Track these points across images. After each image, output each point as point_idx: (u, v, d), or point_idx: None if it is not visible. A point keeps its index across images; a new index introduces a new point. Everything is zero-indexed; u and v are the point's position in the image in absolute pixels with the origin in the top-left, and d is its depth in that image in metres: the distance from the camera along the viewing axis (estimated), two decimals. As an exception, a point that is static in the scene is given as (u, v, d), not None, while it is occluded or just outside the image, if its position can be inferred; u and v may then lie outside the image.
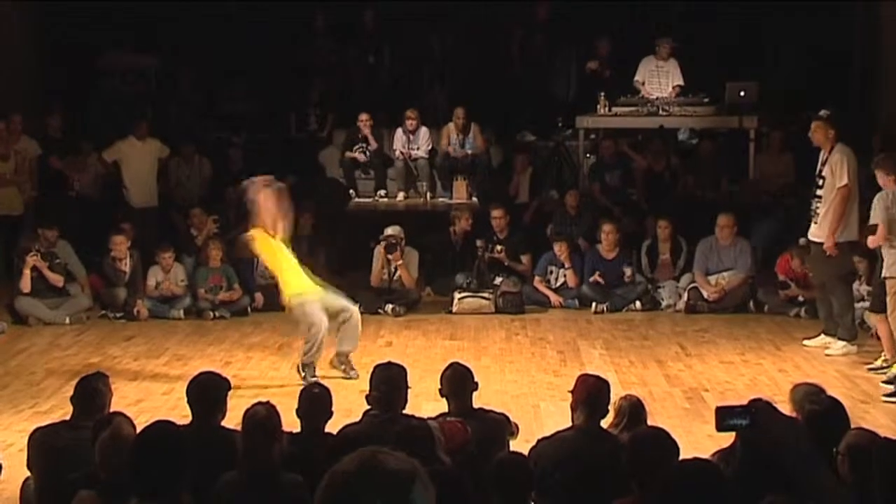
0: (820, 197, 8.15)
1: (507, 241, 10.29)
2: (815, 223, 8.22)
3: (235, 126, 12.75)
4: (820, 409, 4.25)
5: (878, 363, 7.76)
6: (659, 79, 11.97)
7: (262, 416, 4.06)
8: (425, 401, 6.35)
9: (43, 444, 4.59)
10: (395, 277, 9.90)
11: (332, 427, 4.73)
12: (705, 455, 4.33)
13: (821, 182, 8.17)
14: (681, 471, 2.96)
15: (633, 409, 4.80)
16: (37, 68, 12.61)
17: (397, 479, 1.84)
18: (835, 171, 8.05)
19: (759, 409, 2.54)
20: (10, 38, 12.17)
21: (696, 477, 2.85)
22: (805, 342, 8.51)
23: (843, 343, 8.23)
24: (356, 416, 4.95)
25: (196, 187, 11.77)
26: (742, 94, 11.49)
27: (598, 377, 4.79)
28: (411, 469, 1.86)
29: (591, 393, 4.55)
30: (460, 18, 12.87)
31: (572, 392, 4.64)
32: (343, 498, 1.83)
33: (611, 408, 4.73)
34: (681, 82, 11.90)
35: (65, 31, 12.55)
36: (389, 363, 4.90)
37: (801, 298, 9.44)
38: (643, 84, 12.01)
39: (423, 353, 8.31)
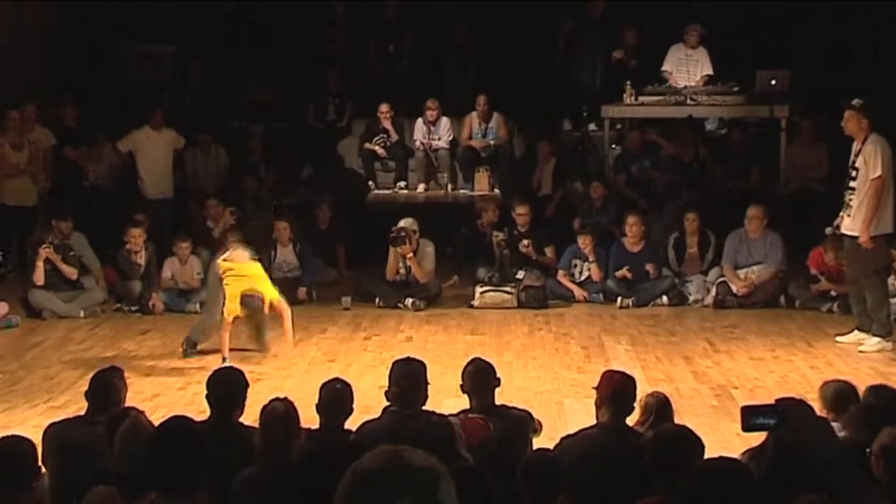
0: (853, 189, 8.09)
1: (530, 235, 10.27)
2: (849, 216, 8.15)
3: (253, 115, 12.78)
4: (881, 405, 4.19)
5: None
6: (688, 67, 11.92)
7: (281, 412, 4.07)
8: (446, 397, 6.33)
9: (57, 440, 4.62)
10: (410, 271, 9.90)
11: (351, 424, 4.73)
12: (735, 453, 4.31)
13: (854, 173, 8.10)
14: (707, 470, 2.94)
15: (660, 407, 4.78)
16: (51, 57, 12.67)
17: (425, 477, 1.83)
18: (868, 162, 7.98)
19: (787, 408, 2.52)
20: (23, 27, 12.24)
21: (723, 476, 2.83)
22: (838, 338, 8.45)
23: (878, 339, 8.17)
24: (375, 413, 4.95)
25: (213, 178, 11.81)
26: (773, 82, 11.42)
27: (623, 373, 4.77)
28: (438, 467, 1.85)
29: (616, 390, 4.54)
30: (489, 7, 12.83)
31: (597, 389, 4.63)
32: (368, 495, 1.81)
33: (637, 405, 4.71)
34: (710, 72, 11.84)
35: (79, 19, 12.61)
36: (409, 358, 4.91)
37: (833, 293, 9.38)
38: (671, 73, 11.95)
39: (443, 349, 8.31)
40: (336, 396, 4.66)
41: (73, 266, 9.69)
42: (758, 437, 4.20)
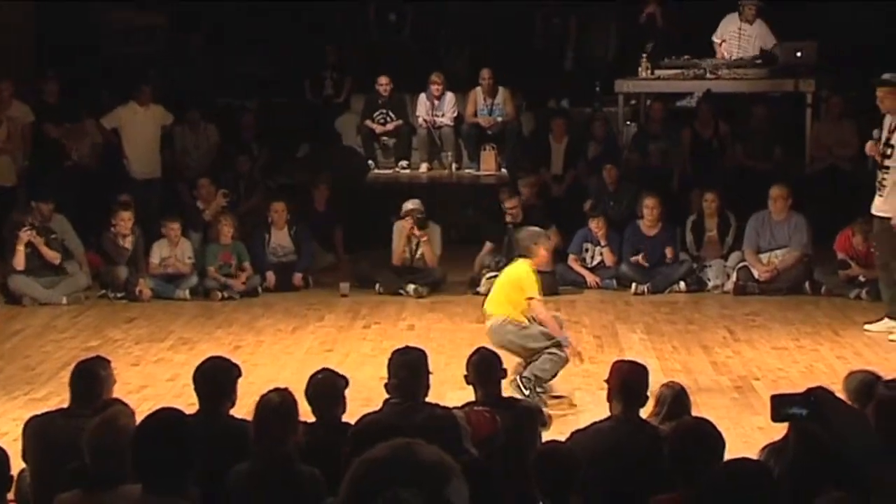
0: (888, 168, 8.03)
1: (532, 219, 10.20)
2: (881, 196, 8.10)
3: (246, 91, 12.77)
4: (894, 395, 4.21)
5: None
6: (740, 42, 11.80)
7: (276, 404, 4.08)
8: (451, 389, 6.34)
9: (39, 434, 4.63)
10: (417, 255, 9.90)
11: (351, 417, 4.75)
12: (756, 448, 4.33)
13: (889, 151, 8.03)
14: (728, 472, 2.95)
15: (676, 398, 4.78)
16: (30, 26, 12.63)
17: (434, 472, 1.86)
18: None
19: (819, 398, 2.52)
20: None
21: (744, 479, 2.84)
22: (867, 327, 8.44)
23: (909, 328, 8.16)
24: (376, 405, 4.95)
25: (203, 157, 11.80)
26: (798, 54, 11.38)
27: (633, 363, 4.78)
28: (449, 464, 1.89)
29: (626, 380, 4.55)
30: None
31: (607, 381, 4.64)
32: (378, 484, 1.85)
33: (651, 396, 4.72)
34: (769, 45, 11.59)
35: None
36: (407, 347, 4.91)
37: (862, 279, 9.36)
38: (720, 44, 11.84)
39: (447, 338, 8.31)
40: (320, 385, 4.66)
41: (56, 250, 9.69)
42: (780, 431, 4.21)
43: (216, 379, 4.63)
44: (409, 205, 9.86)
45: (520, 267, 7.01)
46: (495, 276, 9.73)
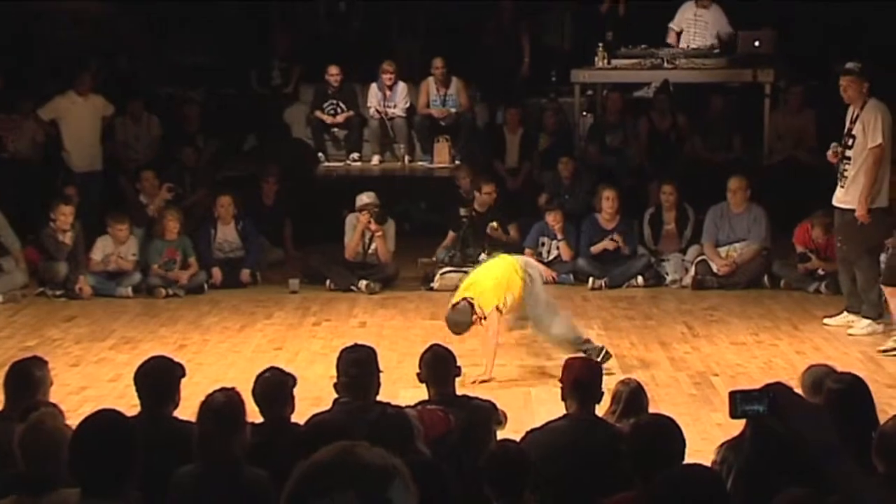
0: (849, 159, 8.10)
1: (493, 213, 10.24)
2: (843, 187, 8.17)
3: (191, 80, 12.67)
4: (842, 388, 4.27)
5: (890, 343, 7.78)
6: (695, 28, 11.86)
7: (221, 404, 4.05)
8: (403, 387, 6.35)
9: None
10: (370, 251, 9.88)
11: (301, 417, 4.72)
12: (715, 445, 4.36)
13: (850, 142, 8.09)
14: (679, 479, 3.01)
15: (632, 395, 4.81)
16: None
17: (375, 474, 1.88)
18: (867, 130, 7.97)
19: (778, 394, 2.54)
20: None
21: (695, 488, 2.90)
22: (826, 321, 8.54)
23: (868, 322, 8.25)
24: (326, 405, 4.94)
25: (145, 149, 11.72)
26: (757, 43, 11.47)
27: (584, 359, 4.83)
28: (393, 467, 1.90)
29: (579, 378, 4.57)
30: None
31: (560, 380, 4.66)
32: (314, 489, 1.86)
33: (607, 392, 4.74)
34: (725, 31, 11.63)
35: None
36: (357, 345, 4.91)
37: (821, 272, 9.46)
38: (679, 33, 11.90)
39: (400, 335, 8.31)
40: (267, 384, 4.64)
41: (-9, 246, 9.56)
42: (740, 428, 4.25)
43: (159, 379, 4.60)
44: (366, 198, 9.83)
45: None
46: (450, 272, 9.81)
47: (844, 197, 8.17)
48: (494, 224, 10.16)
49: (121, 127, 11.67)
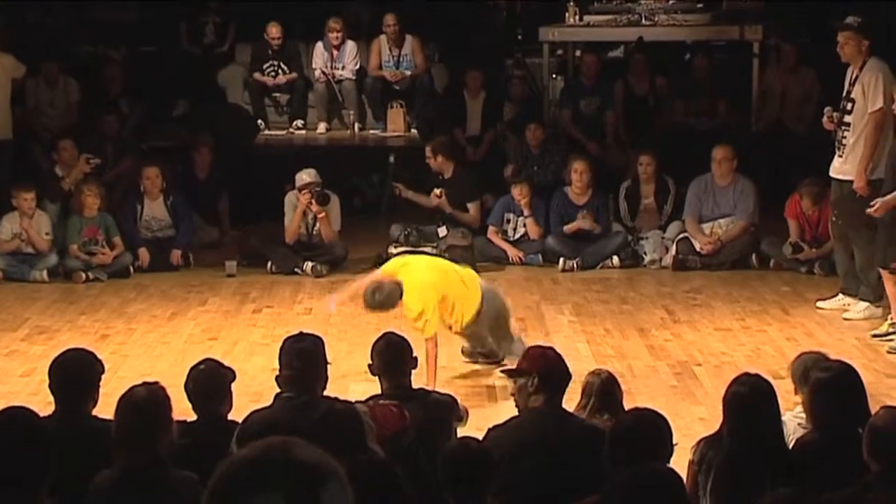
0: (848, 124, 8.13)
1: (450, 183, 10.24)
2: (841, 156, 8.19)
3: (112, 38, 12.55)
4: (829, 377, 4.31)
5: (885, 328, 7.86)
6: None
7: (143, 399, 4.03)
8: (354, 381, 6.37)
9: None
10: (314, 231, 9.86)
11: (239, 414, 4.71)
12: (694, 441, 4.40)
13: (849, 106, 8.09)
14: (636, 482, 3.09)
15: (604, 387, 4.84)
16: None
17: (306, 474, 1.87)
18: (867, 92, 7.97)
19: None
20: None
21: (654, 489, 2.97)
22: (819, 304, 8.61)
23: (866, 304, 8.31)
24: (267, 400, 4.93)
25: (61, 115, 11.65)
26: (744, -3, 11.54)
27: (545, 348, 4.84)
28: (327, 466, 1.90)
29: (543, 368, 4.58)
30: None
31: (521, 371, 4.66)
32: (236, 488, 1.86)
33: (573, 383, 4.77)
34: None
35: None
36: (301, 334, 4.90)
37: (813, 250, 9.51)
38: None
39: (350, 323, 8.30)
40: (202, 378, 4.63)
41: None
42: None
43: (77, 373, 4.58)
44: (306, 177, 9.79)
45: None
46: (406, 252, 9.80)
47: (842, 167, 8.20)
48: (438, 191, 10.16)
49: (33, 90, 11.57)
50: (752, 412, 4.14)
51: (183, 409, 4.57)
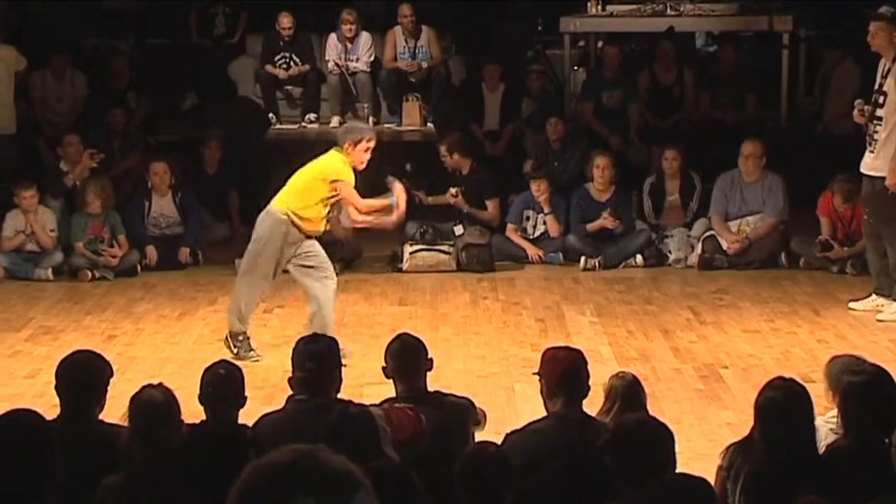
0: (880, 118, 8.12)
1: (467, 181, 10.25)
2: (872, 152, 8.18)
3: (121, 30, 12.58)
4: (861, 381, 4.31)
5: None
6: None
7: (152, 402, 4.05)
8: (368, 383, 6.37)
9: None
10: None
11: (249, 418, 4.73)
12: (722, 448, 4.39)
13: (881, 99, 8.09)
14: (666, 489, 3.05)
15: (628, 391, 4.83)
16: None
17: (339, 483, 1.91)
18: None
19: None
20: None
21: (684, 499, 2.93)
22: (851, 305, 8.59)
23: (900, 306, 8.32)
24: (279, 403, 4.95)
25: (68, 110, 11.67)
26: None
27: (567, 348, 4.84)
28: (358, 477, 1.94)
29: (564, 371, 4.58)
30: None
31: (540, 374, 4.66)
32: (268, 490, 1.89)
33: (593, 386, 4.76)
34: None
35: None
36: (315, 335, 4.94)
37: (845, 250, 9.48)
38: None
39: (364, 323, 8.34)
40: (220, 384, 4.64)
41: None
42: (749, 428, 4.28)
43: (83, 375, 4.59)
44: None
45: (332, 156, 7.49)
46: (421, 250, 9.82)
47: (874, 163, 8.20)
48: (454, 190, 10.17)
49: (39, 83, 11.61)
50: (786, 418, 4.12)
51: (191, 412, 4.59)
